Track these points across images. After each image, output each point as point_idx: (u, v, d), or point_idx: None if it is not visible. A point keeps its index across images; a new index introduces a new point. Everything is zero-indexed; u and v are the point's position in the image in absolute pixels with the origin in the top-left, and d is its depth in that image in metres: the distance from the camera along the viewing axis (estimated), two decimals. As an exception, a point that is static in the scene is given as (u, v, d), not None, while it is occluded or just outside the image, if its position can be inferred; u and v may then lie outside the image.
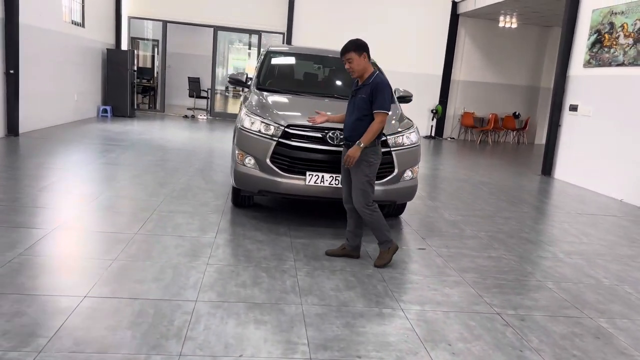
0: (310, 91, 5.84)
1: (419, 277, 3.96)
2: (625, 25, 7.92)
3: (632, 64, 7.73)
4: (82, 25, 11.64)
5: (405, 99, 6.11)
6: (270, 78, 6.04)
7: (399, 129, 4.93)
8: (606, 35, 8.32)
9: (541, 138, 15.74)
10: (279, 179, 4.71)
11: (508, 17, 14.28)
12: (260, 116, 4.88)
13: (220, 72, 17.54)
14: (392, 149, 4.79)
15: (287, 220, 5.16)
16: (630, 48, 7.77)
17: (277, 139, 4.70)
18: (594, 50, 8.58)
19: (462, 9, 14.40)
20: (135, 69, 13.60)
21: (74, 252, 3.92)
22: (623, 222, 6.39)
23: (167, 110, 15.28)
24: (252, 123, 4.88)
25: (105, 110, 12.90)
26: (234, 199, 5.43)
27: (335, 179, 4.64)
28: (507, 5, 12.56)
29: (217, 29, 14.62)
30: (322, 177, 4.64)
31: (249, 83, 5.95)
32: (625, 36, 7.89)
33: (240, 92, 20.42)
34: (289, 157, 4.68)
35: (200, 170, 7.28)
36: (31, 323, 2.74)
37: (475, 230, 5.43)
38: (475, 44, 15.25)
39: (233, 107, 17.83)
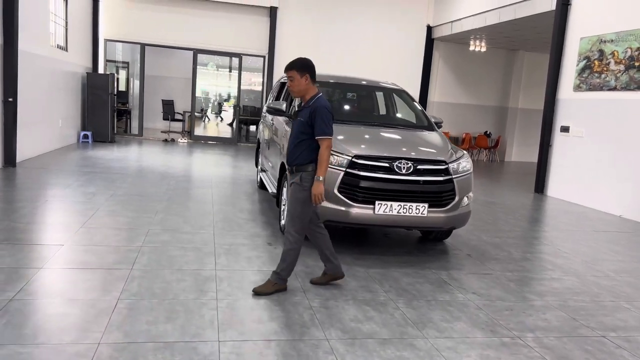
0: (360, 120, 5.92)
1: (509, 303, 4.07)
2: (615, 52, 8.49)
3: (625, 88, 8.29)
4: (66, 49, 11.23)
5: (438, 125, 6.29)
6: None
7: (456, 157, 5.08)
8: (596, 62, 8.89)
9: (511, 156, 16.50)
10: (347, 209, 4.73)
11: (478, 41, 14.94)
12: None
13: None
14: (453, 176, 4.93)
15: (344, 248, 5.17)
16: (622, 74, 8.34)
17: (344, 169, 4.73)
18: (584, 76, 9.14)
19: (437, 33, 14.94)
20: (116, 93, 13.19)
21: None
22: (630, 238, 6.80)
23: (144, 134, 14.88)
24: (314, 153, 4.89)
25: (86, 136, 12.43)
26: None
27: (403, 208, 4.72)
28: (483, 30, 13.14)
29: (197, 52, 14.46)
30: (391, 205, 4.71)
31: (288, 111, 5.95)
32: (617, 63, 8.46)
33: (218, 116, 20.04)
34: (357, 187, 4.72)
35: (224, 198, 7.16)
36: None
37: (520, 252, 5.63)
38: (449, 67, 15.84)
39: (212, 130, 17.61)
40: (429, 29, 15.18)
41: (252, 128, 16.11)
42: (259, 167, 7.96)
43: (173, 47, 14.41)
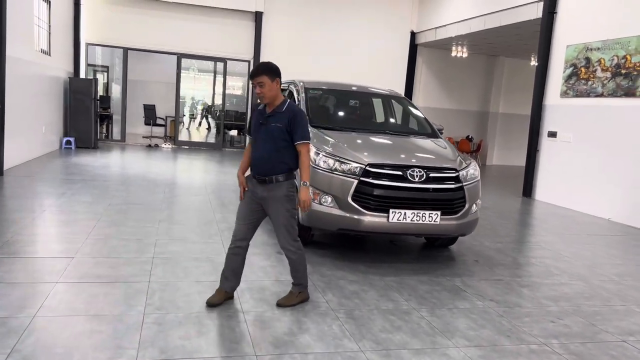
0: (364, 127, 5.95)
1: (526, 309, 4.14)
2: (602, 60, 8.73)
3: (612, 95, 8.53)
4: (49, 53, 10.97)
5: (440, 132, 6.37)
6: (318, 114, 6.06)
7: (465, 165, 5.15)
8: (582, 69, 9.12)
9: (492, 159, 16.79)
10: (360, 217, 4.74)
11: (460, 47, 15.17)
12: (335, 155, 4.90)
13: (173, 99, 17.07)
14: (463, 184, 4.99)
15: (354, 257, 5.17)
16: (609, 81, 8.58)
17: (358, 177, 4.75)
18: (571, 82, 9.37)
19: (421, 39, 15.12)
20: (99, 98, 12.94)
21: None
22: (631, 241, 6.99)
23: (126, 140, 14.62)
24: (326, 161, 4.90)
25: (68, 142, 12.14)
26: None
27: (417, 215, 4.75)
28: (467, 37, 13.35)
29: (180, 56, 14.29)
30: (404, 213, 4.74)
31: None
32: (603, 70, 8.70)
33: (198, 121, 19.76)
34: (371, 195, 4.73)
35: (223, 205, 7.09)
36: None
37: (523, 257, 5.74)
38: (432, 72, 16.04)
39: (196, 135, 17.42)
40: (413, 35, 15.34)
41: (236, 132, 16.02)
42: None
43: (156, 51, 14.23)
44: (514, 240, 6.51)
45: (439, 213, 4.80)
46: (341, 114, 6.50)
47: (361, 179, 4.74)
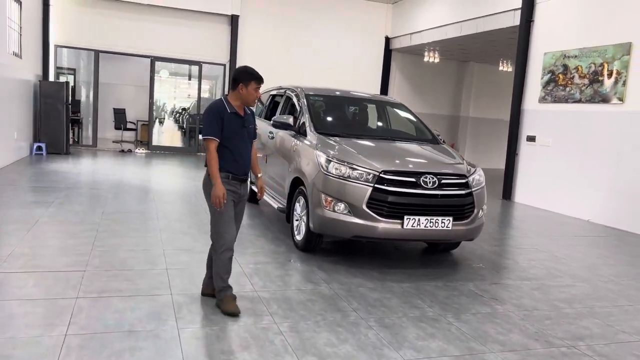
0: (370, 134, 6.00)
1: (545, 312, 4.25)
2: (579, 67, 9.07)
3: (590, 101, 8.87)
4: (20, 56, 10.54)
5: (439, 137, 6.48)
6: (323, 121, 6.06)
7: (473, 170, 5.25)
8: (560, 76, 9.45)
9: (463, 162, 17.13)
10: (375, 224, 4.77)
11: (432, 52, 15.45)
12: (347, 162, 4.91)
13: (143, 103, 16.71)
14: (472, 189, 5.09)
15: (364, 263, 5.19)
16: (587, 87, 8.92)
17: (373, 184, 4.77)
18: (549, 88, 9.69)
19: (396, 44, 15.32)
20: (70, 102, 12.50)
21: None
22: (615, 242, 7.28)
23: (98, 145, 14.20)
24: (338, 169, 4.91)
25: (39, 148, 11.69)
26: (306, 244, 5.32)
27: (430, 221, 4.82)
28: (443, 42, 13.61)
29: (154, 59, 13.99)
30: (418, 220, 4.79)
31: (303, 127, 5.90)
32: (581, 77, 9.04)
33: (177, 123, 19.32)
34: (386, 202, 4.76)
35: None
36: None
37: (523, 260, 5.88)
38: (405, 77, 16.26)
39: (169, 139, 17.05)
40: (387, 40, 15.52)
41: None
42: (248, 180, 7.80)
43: (129, 54, 13.87)
44: (510, 243, 6.68)
45: (451, 219, 4.88)
46: (344, 120, 6.52)
47: (376, 185, 4.77)
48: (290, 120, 5.94)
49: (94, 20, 13.21)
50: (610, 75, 8.46)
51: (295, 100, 6.42)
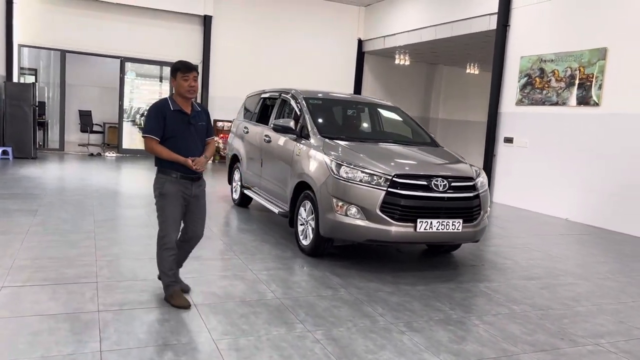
0: (372, 137, 6.02)
1: (559, 311, 4.36)
2: (556, 71, 9.38)
3: (566, 104, 9.19)
4: (-14, 55, 10.05)
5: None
6: (326, 125, 6.02)
7: (478, 173, 5.34)
8: (537, 79, 9.75)
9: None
10: (388, 228, 4.78)
11: (402, 55, 15.65)
12: (359, 165, 4.91)
13: (109, 104, 16.21)
14: (479, 192, 5.18)
15: (374, 267, 5.20)
16: (564, 90, 9.23)
17: (386, 188, 4.78)
18: (526, 91, 9.98)
19: (368, 47, 15.44)
20: (37, 104, 11.99)
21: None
22: (598, 239, 7.56)
23: (65, 148, 13.68)
24: (350, 172, 4.90)
25: (5, 152, 11.17)
26: (315, 249, 5.27)
27: (442, 224, 4.87)
28: (416, 46, 13.80)
29: (124, 60, 13.60)
30: (431, 223, 4.83)
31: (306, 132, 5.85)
32: (557, 80, 9.35)
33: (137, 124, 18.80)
34: (399, 206, 4.78)
35: (213, 219, 6.83)
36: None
37: (522, 259, 6.02)
38: (377, 79, 16.42)
39: (140, 142, 16.51)
40: (360, 43, 15.62)
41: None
42: (239, 184, 7.68)
43: (98, 54, 13.43)
44: (503, 243, 6.81)
45: (461, 221, 4.95)
46: (346, 124, 6.51)
47: (389, 189, 4.78)
48: (292, 123, 5.89)
49: (60, 18, 12.73)
50: (586, 79, 8.78)
51: (293, 103, 6.36)
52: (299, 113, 6.12)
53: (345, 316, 3.84)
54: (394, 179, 4.80)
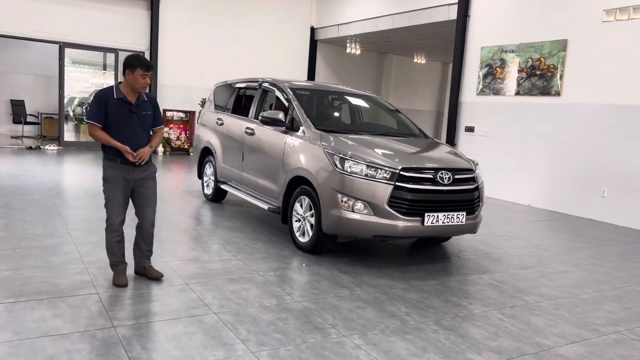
0: (368, 130, 5.87)
1: (569, 300, 4.44)
2: (516, 62, 9.62)
3: (527, 93, 9.46)
4: None
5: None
6: (320, 117, 5.82)
7: (475, 165, 5.34)
8: (498, 69, 9.97)
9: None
10: (396, 222, 4.67)
11: (354, 44, 15.61)
12: (364, 159, 4.76)
13: (44, 93, 15.08)
14: (478, 184, 5.18)
15: (377, 262, 5.09)
16: (525, 81, 9.49)
17: (394, 182, 4.66)
18: (487, 81, 10.19)
19: (322, 35, 15.24)
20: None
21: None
22: (566, 225, 7.86)
23: (-2, 141, 12.59)
24: (355, 167, 4.75)
25: None
26: (315, 246, 5.08)
27: (447, 217, 4.82)
28: (371, 35, 13.76)
29: (63, 45, 12.63)
30: (437, 216, 4.77)
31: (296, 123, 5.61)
32: (519, 71, 9.59)
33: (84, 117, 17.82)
34: (406, 200, 4.68)
35: (193, 217, 6.48)
36: None
37: (509, 248, 6.12)
38: (329, 67, 16.28)
39: (83, 134, 15.49)
40: (313, 30, 15.39)
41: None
42: (212, 179, 7.32)
43: (34, 39, 12.39)
44: (482, 232, 6.89)
45: (464, 213, 4.93)
46: (338, 115, 6.32)
47: (396, 184, 4.66)
48: (281, 115, 5.64)
49: (-10, -1, 11.61)
50: (547, 69, 9.06)
51: (278, 94, 6.10)
52: (286, 104, 5.87)
53: (373, 318, 3.70)
54: (400, 172, 4.69)
